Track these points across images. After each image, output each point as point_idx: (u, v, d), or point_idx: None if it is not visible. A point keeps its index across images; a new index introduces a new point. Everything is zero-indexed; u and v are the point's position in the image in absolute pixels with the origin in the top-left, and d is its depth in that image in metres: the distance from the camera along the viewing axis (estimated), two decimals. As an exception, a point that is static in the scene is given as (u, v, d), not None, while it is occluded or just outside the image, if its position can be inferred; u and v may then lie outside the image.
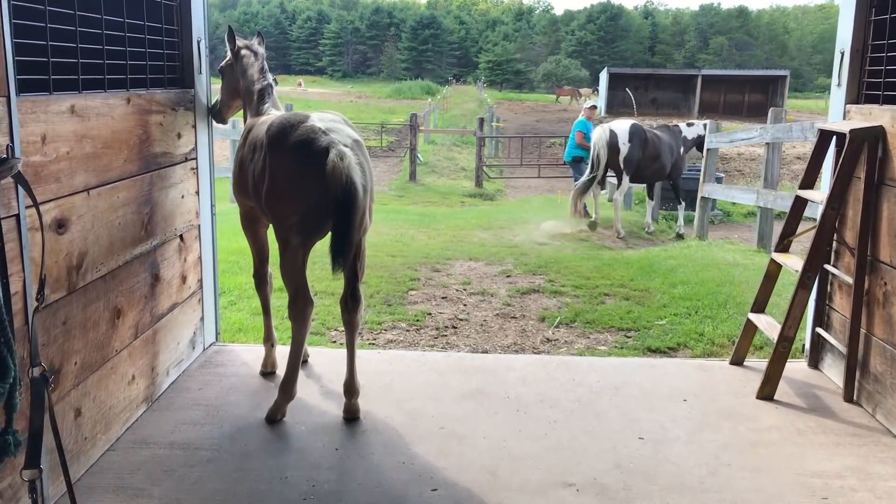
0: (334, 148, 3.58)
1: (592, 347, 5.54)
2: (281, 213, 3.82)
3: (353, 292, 3.90)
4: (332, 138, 3.67)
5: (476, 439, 3.82)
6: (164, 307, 4.23)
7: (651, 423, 4.04)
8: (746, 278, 7.37)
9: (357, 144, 3.79)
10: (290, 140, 3.73)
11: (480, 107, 43.69)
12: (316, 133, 3.69)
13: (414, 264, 8.08)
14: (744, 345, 4.92)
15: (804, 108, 50.91)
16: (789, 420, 4.12)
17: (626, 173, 12.56)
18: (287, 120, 3.84)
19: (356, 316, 3.93)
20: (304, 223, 3.77)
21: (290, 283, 3.89)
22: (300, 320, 3.89)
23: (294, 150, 3.71)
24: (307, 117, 3.83)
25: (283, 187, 3.78)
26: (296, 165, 3.72)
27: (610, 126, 12.89)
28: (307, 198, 3.70)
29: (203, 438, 3.76)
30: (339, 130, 3.77)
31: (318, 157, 3.58)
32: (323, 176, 3.53)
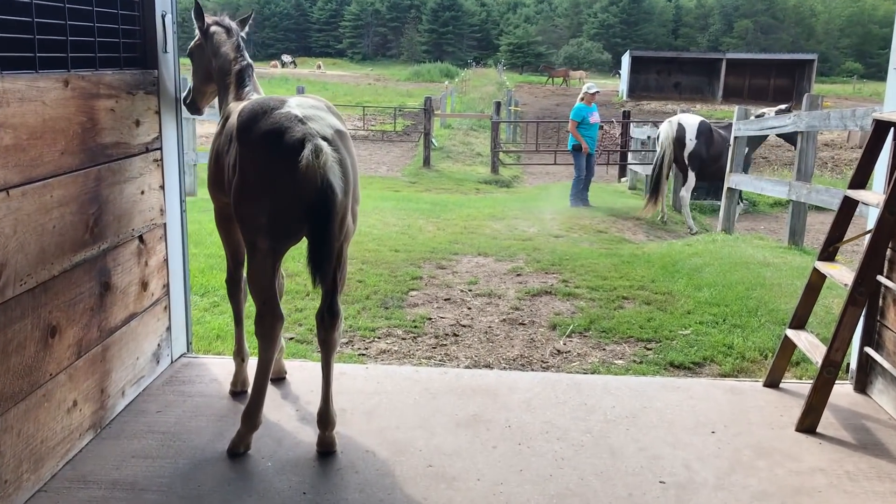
0: (310, 141, 3.04)
1: (608, 362, 4.97)
2: (247, 212, 3.28)
3: (331, 306, 3.35)
4: (309, 129, 3.12)
5: (468, 481, 3.27)
6: (117, 319, 3.70)
7: (674, 462, 3.47)
8: (779, 280, 6.76)
9: (339, 136, 3.24)
10: (261, 128, 3.19)
11: (500, 90, 42.93)
12: (291, 121, 3.15)
13: (418, 260, 7.52)
14: (780, 365, 4.33)
15: (831, 93, 49.74)
16: (837, 460, 3.53)
17: (692, 169, 12.02)
18: (260, 105, 3.30)
19: (334, 334, 3.39)
20: (273, 225, 3.24)
21: (258, 294, 3.36)
22: (268, 338, 3.36)
23: (264, 139, 3.17)
24: (283, 102, 3.29)
25: (251, 183, 3.24)
26: (265, 158, 3.19)
27: (679, 119, 12.37)
28: (277, 196, 3.17)
29: (152, 476, 3.24)
30: (319, 119, 3.22)
31: (291, 150, 3.05)
32: (296, 172, 2.99)
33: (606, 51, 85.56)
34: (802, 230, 9.04)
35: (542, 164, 20.67)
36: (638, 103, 41.50)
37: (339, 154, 3.13)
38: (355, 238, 8.17)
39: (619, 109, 25.14)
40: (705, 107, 40.07)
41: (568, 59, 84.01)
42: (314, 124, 3.17)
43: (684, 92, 47.92)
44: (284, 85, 39.48)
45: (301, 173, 3.00)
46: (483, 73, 64.72)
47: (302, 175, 3.00)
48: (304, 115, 3.20)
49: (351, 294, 6.15)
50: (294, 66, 69.43)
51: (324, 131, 3.16)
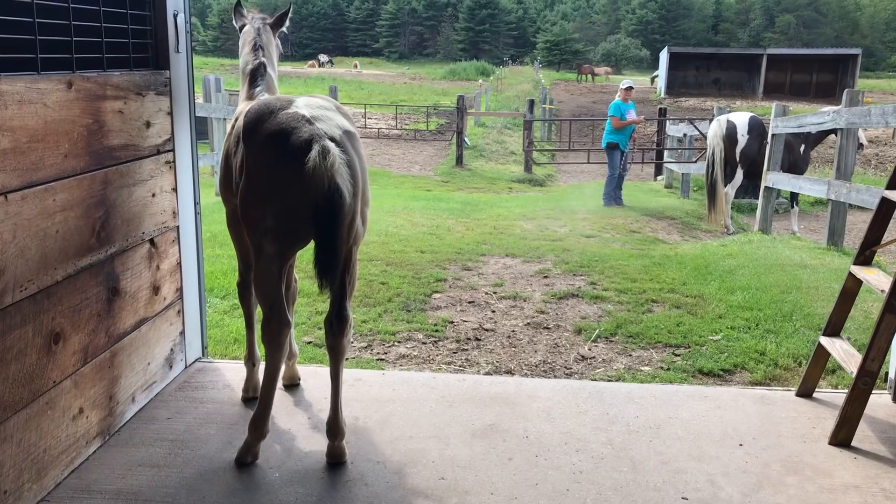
0: (318, 142, 2.94)
1: (634, 368, 4.80)
2: (254, 214, 3.20)
3: (340, 311, 3.24)
4: (317, 129, 3.03)
5: (482, 495, 3.15)
6: (126, 325, 3.64)
7: (698, 477, 3.31)
8: (816, 283, 6.52)
9: (348, 136, 3.14)
10: (267, 129, 3.11)
11: (535, 88, 42.65)
12: (298, 122, 3.06)
13: (443, 261, 7.40)
14: (813, 373, 4.13)
15: (877, 88, 48.62)
16: (872, 476, 3.34)
17: (742, 167, 11.72)
18: (266, 105, 3.22)
19: (342, 340, 3.28)
20: (279, 229, 3.15)
21: (264, 300, 3.27)
22: (274, 344, 3.27)
23: (270, 140, 3.09)
24: (290, 102, 3.20)
25: (257, 184, 3.15)
26: (271, 159, 3.10)
27: (728, 117, 12.08)
28: (284, 199, 3.08)
29: (157, 486, 3.17)
30: (327, 119, 3.12)
31: (297, 151, 2.95)
32: (302, 174, 2.90)
33: (645, 47, 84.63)
34: (842, 230, 8.74)
35: (576, 162, 20.42)
36: (676, 100, 40.93)
37: (348, 155, 3.03)
38: (380, 239, 8.15)
39: (657, 106, 24.74)
40: (745, 103, 39.36)
41: (605, 56, 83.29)
42: (322, 124, 3.07)
43: (724, 89, 47.17)
44: (320, 84, 39.65)
45: (308, 175, 2.90)
46: (519, 70, 64.41)
47: (309, 177, 2.90)
48: (312, 116, 3.10)
49: (373, 297, 6.06)
50: (331, 66, 69.83)
51: (332, 132, 3.06)
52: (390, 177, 17.69)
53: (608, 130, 13.47)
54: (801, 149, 11.73)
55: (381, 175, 17.74)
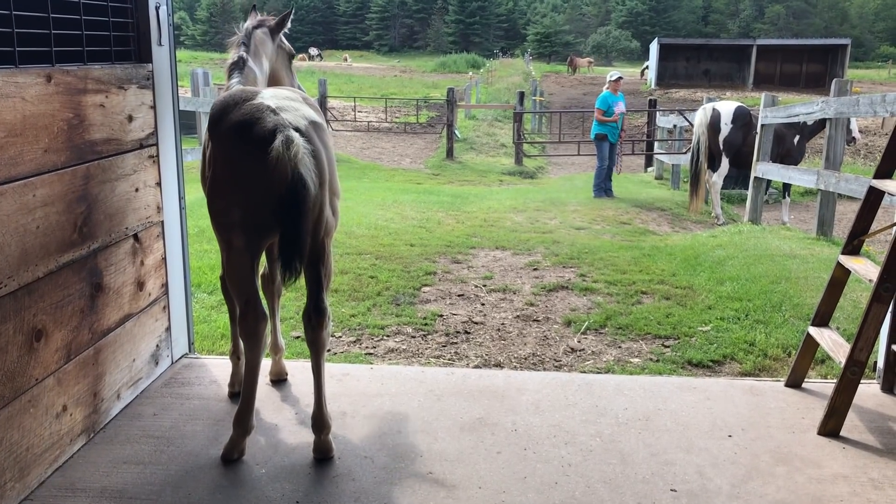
0: (282, 132, 2.90)
1: (623, 360, 4.79)
2: (220, 207, 3.18)
3: (317, 304, 3.21)
4: (282, 119, 2.99)
5: (469, 489, 3.13)
6: (110, 321, 3.60)
7: (687, 469, 3.30)
8: (805, 273, 6.52)
9: (314, 127, 3.11)
10: (231, 119, 3.08)
11: (526, 80, 42.58)
12: (262, 112, 3.02)
13: (433, 255, 7.38)
14: (802, 364, 4.13)
15: (865, 78, 48.73)
16: (861, 466, 3.34)
17: (726, 155, 11.73)
18: (232, 96, 3.20)
19: (321, 333, 3.24)
20: (246, 221, 3.11)
21: (238, 294, 3.24)
22: (253, 339, 3.23)
23: (234, 131, 3.05)
24: (256, 93, 3.17)
25: (222, 176, 3.13)
26: (235, 150, 3.07)
27: (714, 105, 12.10)
28: (248, 190, 3.04)
29: (142, 483, 3.14)
30: (293, 109, 3.09)
31: (261, 142, 2.91)
32: (266, 165, 2.86)
33: (635, 39, 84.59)
34: (832, 220, 8.75)
35: (566, 154, 20.42)
36: (666, 91, 40.91)
37: (313, 146, 2.99)
38: (370, 233, 8.12)
39: (647, 98, 24.72)
40: (735, 94, 39.40)
41: (596, 47, 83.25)
42: (287, 115, 3.03)
43: (714, 79, 47.17)
44: (310, 78, 39.46)
45: (271, 166, 2.86)
46: (510, 63, 64.26)
47: (272, 167, 2.85)
48: (277, 106, 3.06)
49: (362, 290, 6.03)
50: (321, 59, 69.51)
51: (297, 122, 3.02)
52: (381, 170, 17.64)
53: (596, 122, 13.47)
54: (794, 140, 11.73)
55: (372, 168, 17.70)
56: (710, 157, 11.94)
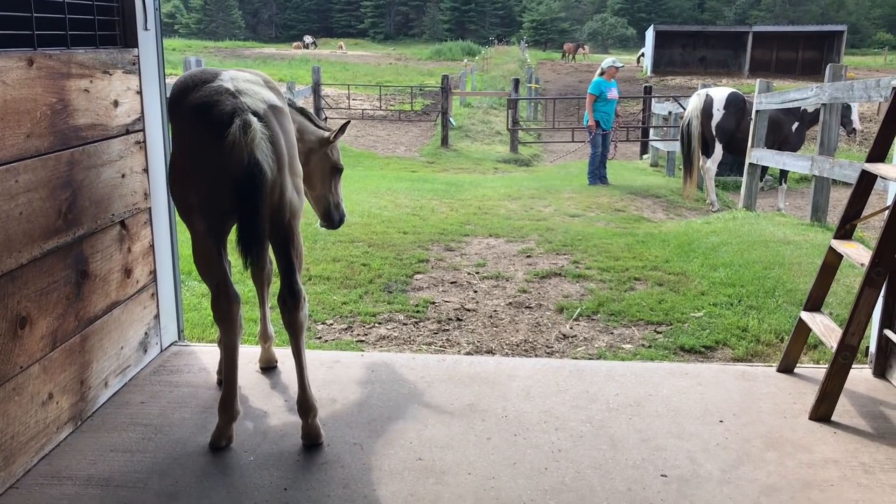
0: (240, 116, 2.86)
1: (615, 346, 4.77)
2: (179, 191, 3.15)
3: (291, 286, 3.18)
4: (240, 103, 2.95)
5: (459, 475, 3.11)
6: (97, 308, 3.57)
7: (678, 454, 3.29)
8: (799, 259, 6.50)
9: (273, 111, 3.06)
10: (190, 102, 3.04)
11: (521, 67, 42.46)
12: (221, 95, 2.98)
13: (426, 242, 7.35)
14: (795, 349, 4.11)
15: (862, 65, 48.67)
16: (851, 451, 3.33)
17: (719, 141, 11.69)
18: (191, 77, 3.16)
19: (298, 315, 3.21)
20: (205, 205, 3.07)
21: (208, 279, 3.24)
22: (227, 322, 3.21)
23: (192, 113, 3.02)
24: (216, 76, 3.12)
25: (180, 160, 3.10)
26: (193, 133, 3.04)
27: (708, 91, 12.07)
28: (206, 174, 3.00)
29: (128, 472, 3.11)
30: (253, 93, 3.04)
31: (218, 125, 2.87)
32: (223, 149, 2.83)
33: (631, 26, 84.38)
34: (826, 206, 8.73)
35: (562, 141, 20.35)
36: (662, 79, 40.83)
37: (270, 130, 2.94)
38: (363, 220, 8.08)
39: (643, 85, 24.65)
40: (731, 81, 39.33)
41: (592, 34, 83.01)
42: (246, 98, 2.99)
43: (710, 66, 47.09)
44: (305, 66, 39.33)
45: (227, 150, 2.82)
46: (505, 50, 64.10)
47: (228, 151, 2.81)
48: (237, 89, 3.02)
49: (354, 278, 6.00)
50: (315, 47, 69.24)
51: (255, 106, 2.98)
52: (375, 158, 17.58)
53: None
54: (792, 127, 11.68)
55: (366, 156, 17.64)
56: (703, 144, 11.92)
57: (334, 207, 4.17)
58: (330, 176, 4.10)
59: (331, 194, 4.14)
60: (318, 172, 4.07)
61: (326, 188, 4.12)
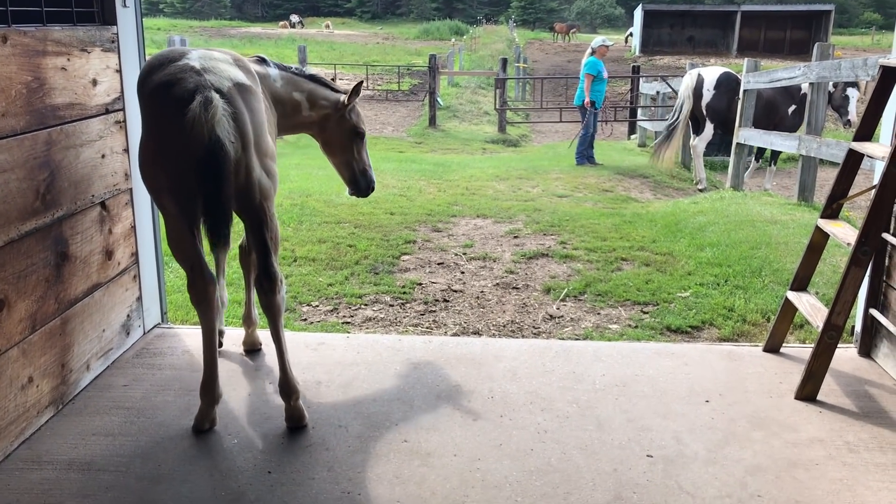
0: (201, 93, 2.81)
1: (602, 326, 4.76)
2: (148, 172, 3.08)
3: (267, 269, 3.13)
4: (204, 80, 2.88)
5: (444, 457, 3.10)
6: (77, 291, 3.53)
7: (664, 435, 3.28)
8: (785, 239, 6.50)
9: (239, 89, 2.99)
10: (155, 80, 2.98)
11: (509, 47, 42.25)
12: (185, 73, 2.91)
13: (413, 223, 7.31)
14: (781, 329, 4.11)
15: (849, 45, 48.66)
16: (836, 430, 3.33)
17: (710, 121, 11.65)
18: (157, 57, 3.10)
19: (275, 297, 3.16)
20: (173, 187, 3.00)
21: (182, 261, 3.19)
22: (203, 304, 3.16)
23: (156, 91, 2.96)
24: (183, 54, 3.05)
25: (147, 139, 3.03)
26: (157, 111, 2.97)
27: (700, 70, 12.02)
28: (171, 154, 2.94)
29: (110, 455, 3.08)
30: (218, 71, 2.98)
31: (180, 103, 2.81)
32: (184, 127, 2.78)
33: (619, 5, 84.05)
34: (812, 186, 8.74)
35: (550, 122, 20.31)
36: (651, 58, 40.72)
37: (234, 108, 2.88)
38: (349, 201, 8.01)
39: (631, 64, 24.57)
40: (720, 61, 39.26)
41: (580, 14, 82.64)
42: (211, 76, 2.92)
43: (698, 46, 46.96)
44: (291, 45, 38.98)
45: (187, 127, 2.76)
46: (493, 30, 63.70)
47: (188, 129, 2.76)
48: (202, 67, 2.95)
49: (340, 259, 5.96)
50: (302, 27, 68.63)
51: (220, 83, 2.91)
52: (362, 138, 17.45)
53: (582, 88, 13.26)
54: (788, 109, 11.63)
55: (353, 137, 17.48)
56: (694, 122, 11.90)
57: (360, 174, 4.05)
58: (351, 141, 3.97)
59: (354, 160, 4.01)
60: (338, 138, 3.95)
61: (349, 154, 3.99)
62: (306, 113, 3.82)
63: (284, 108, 3.72)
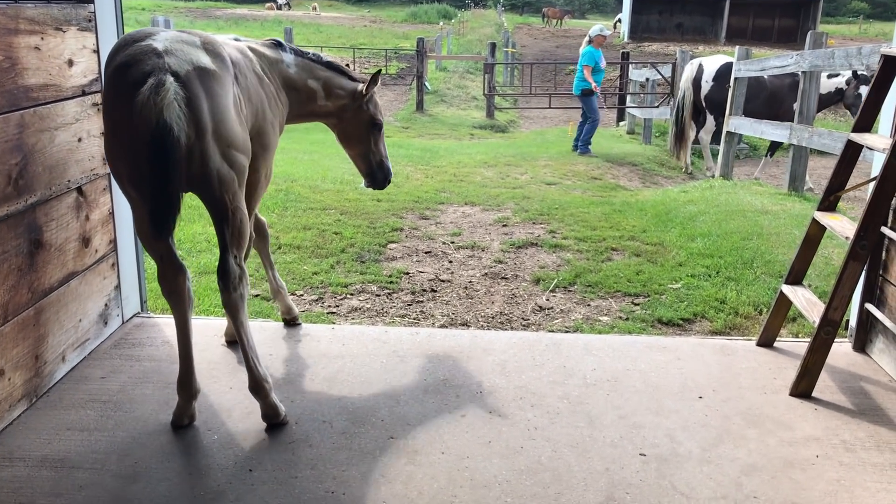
0: (155, 76, 2.66)
1: (592, 319, 4.68)
2: (109, 157, 2.94)
3: (222, 265, 2.98)
4: (161, 63, 2.72)
5: (432, 455, 3.01)
6: (52, 279, 3.40)
7: (657, 432, 3.20)
8: (777, 229, 6.44)
9: (200, 73, 2.81)
10: (115, 61, 2.83)
11: (498, 32, 41.99)
12: (145, 55, 2.75)
13: (400, 210, 7.19)
14: (775, 323, 4.04)
15: (837, 34, 48.64)
16: (832, 428, 3.26)
17: (710, 112, 11.54)
18: (125, 37, 2.94)
19: (231, 295, 3.01)
20: (133, 174, 2.83)
21: (151, 251, 3.06)
22: (175, 296, 3.04)
23: (114, 73, 2.81)
24: (150, 35, 2.88)
25: (105, 125, 2.89)
26: (113, 94, 2.82)
27: (701, 61, 11.91)
28: (125, 140, 2.79)
29: (86, 452, 2.97)
30: (180, 53, 2.81)
31: (134, 86, 2.67)
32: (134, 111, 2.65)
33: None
34: (803, 176, 8.69)
35: (538, 107, 20.18)
36: (639, 45, 40.58)
37: (189, 92, 2.72)
38: (335, 188, 7.89)
39: (619, 51, 24.46)
40: (708, 48, 39.21)
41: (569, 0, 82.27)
42: (170, 58, 2.76)
43: (687, 33, 46.86)
44: (277, 27, 38.57)
45: (136, 111, 2.63)
46: (482, 14, 63.35)
47: (137, 113, 2.62)
48: (164, 49, 2.79)
49: (325, 247, 5.85)
50: (289, 8, 67.93)
51: (179, 66, 2.75)
52: (349, 123, 17.27)
53: (580, 77, 12.93)
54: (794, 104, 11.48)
55: (340, 121, 17.30)
56: (695, 114, 11.83)
57: (377, 166, 3.98)
58: (368, 132, 3.89)
59: (371, 152, 3.94)
60: (355, 129, 3.87)
61: (366, 145, 3.92)
62: (322, 102, 3.73)
63: (299, 95, 3.63)
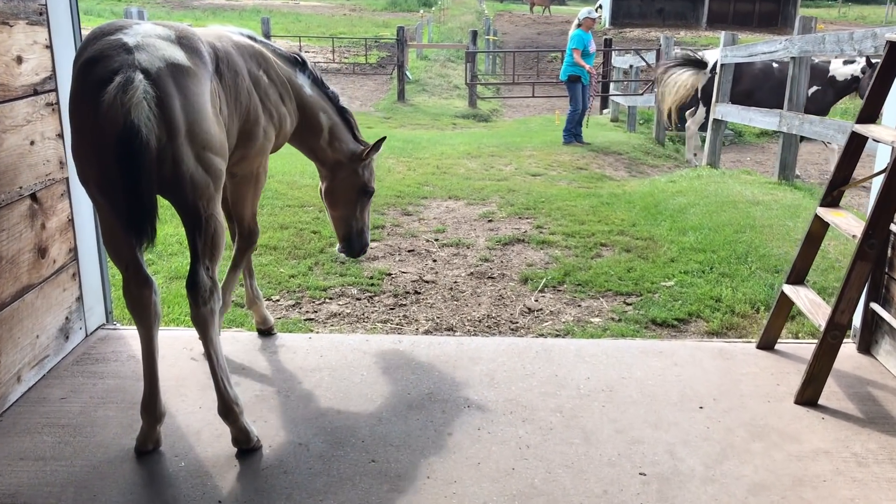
0: (123, 73, 2.44)
1: (584, 320, 4.47)
2: (77, 162, 2.68)
3: (192, 278, 2.75)
4: (131, 59, 2.49)
5: (417, 479, 2.79)
6: (5, 294, 3.14)
7: (656, 448, 3.00)
8: (770, 221, 6.25)
9: (173, 70, 2.58)
10: (82, 57, 2.60)
11: (479, 19, 41.64)
12: (114, 50, 2.53)
13: (382, 206, 6.95)
14: (776, 324, 3.85)
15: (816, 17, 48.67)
16: (842, 439, 3.07)
17: (703, 104, 11.36)
18: (96, 29, 2.70)
19: (199, 310, 2.77)
20: (101, 178, 2.59)
21: (116, 260, 2.81)
22: (139, 309, 2.79)
23: (80, 70, 2.58)
24: (121, 28, 2.65)
25: (72, 126, 2.63)
26: (80, 96, 2.58)
27: (702, 53, 11.68)
28: (92, 142, 2.54)
29: (39, 484, 2.73)
30: (153, 49, 2.57)
31: (101, 85, 2.45)
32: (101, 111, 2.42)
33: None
34: (794, 164, 8.51)
35: (521, 96, 19.93)
36: (621, 31, 40.36)
37: (160, 91, 2.49)
38: (313, 183, 7.61)
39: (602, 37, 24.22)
40: (689, 34, 39.10)
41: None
42: (141, 54, 2.53)
43: (668, 18, 46.65)
44: (255, 17, 38.03)
45: (103, 110, 2.41)
46: (462, 1, 62.84)
47: (104, 113, 2.41)
48: (136, 44, 2.56)
49: (303, 247, 5.60)
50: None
51: (150, 63, 2.52)
52: (329, 114, 16.96)
53: (569, 62, 12.57)
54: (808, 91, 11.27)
55: (320, 112, 16.99)
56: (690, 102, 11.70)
57: (357, 234, 3.87)
58: (356, 197, 3.79)
59: (354, 219, 3.83)
60: (344, 190, 3.76)
61: (350, 210, 3.81)
62: (323, 144, 3.65)
63: (305, 122, 3.57)
